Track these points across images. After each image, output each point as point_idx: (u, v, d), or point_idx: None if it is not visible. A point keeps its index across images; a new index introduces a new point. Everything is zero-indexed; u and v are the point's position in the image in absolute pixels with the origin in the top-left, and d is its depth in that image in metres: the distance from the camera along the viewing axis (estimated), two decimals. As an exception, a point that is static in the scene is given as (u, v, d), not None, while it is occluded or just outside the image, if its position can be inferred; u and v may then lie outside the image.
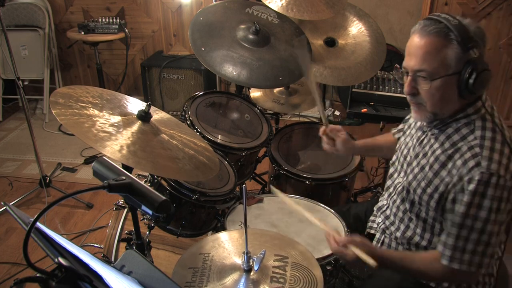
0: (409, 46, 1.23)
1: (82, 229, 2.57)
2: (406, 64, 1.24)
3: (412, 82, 1.23)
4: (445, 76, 1.17)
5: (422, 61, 1.18)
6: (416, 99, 1.25)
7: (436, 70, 1.17)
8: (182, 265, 1.21)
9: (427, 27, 1.17)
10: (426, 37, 1.17)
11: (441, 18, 1.17)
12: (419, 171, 1.32)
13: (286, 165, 2.01)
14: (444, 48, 1.16)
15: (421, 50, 1.18)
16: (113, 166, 0.97)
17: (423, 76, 1.19)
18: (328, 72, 2.13)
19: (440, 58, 1.16)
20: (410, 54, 1.22)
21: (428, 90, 1.19)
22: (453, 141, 1.24)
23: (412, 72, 1.22)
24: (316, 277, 1.16)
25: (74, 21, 3.92)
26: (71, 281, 0.67)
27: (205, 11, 2.13)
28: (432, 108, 1.23)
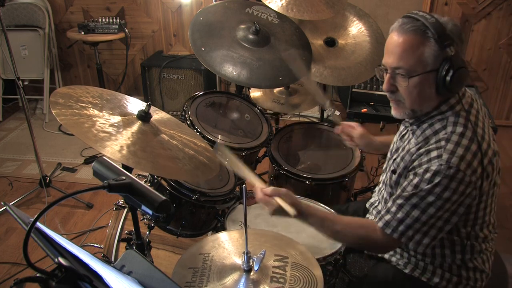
0: (387, 44, 1.25)
1: (82, 229, 2.57)
2: (385, 61, 1.26)
3: (390, 79, 1.25)
4: (422, 74, 1.19)
5: (400, 58, 1.20)
6: (395, 96, 1.27)
7: (414, 67, 1.19)
8: (182, 265, 1.21)
9: (405, 25, 1.19)
10: (403, 35, 1.19)
11: (419, 16, 1.19)
12: (395, 164, 1.35)
13: (286, 165, 2.01)
14: (421, 45, 1.17)
15: (399, 48, 1.20)
16: (113, 166, 0.97)
17: (401, 73, 1.21)
18: (328, 72, 2.13)
19: (417, 55, 1.18)
20: (388, 51, 1.24)
21: (406, 87, 1.21)
22: (426, 135, 1.26)
23: (390, 70, 1.24)
24: (316, 277, 1.16)
25: (74, 21, 3.93)
26: (71, 281, 0.67)
27: (205, 11, 2.13)
28: (411, 105, 1.25)
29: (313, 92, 1.72)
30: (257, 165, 2.19)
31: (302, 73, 1.91)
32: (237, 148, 1.91)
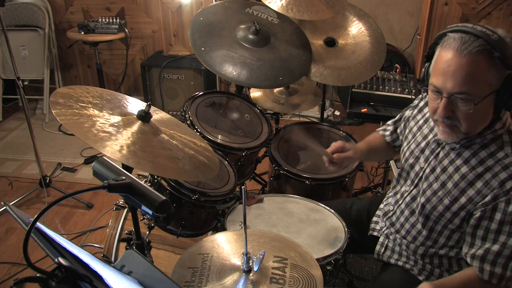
0: (443, 65, 1.11)
1: (82, 229, 2.57)
2: (441, 85, 1.12)
3: (448, 105, 1.13)
4: (486, 97, 1.10)
5: (463, 83, 1.08)
6: (450, 121, 1.16)
7: (480, 92, 1.09)
8: (181, 265, 1.21)
9: (467, 44, 1.06)
10: (467, 57, 1.06)
11: (478, 32, 1.07)
12: (439, 187, 1.28)
13: (286, 165, 2.01)
14: (487, 68, 1.07)
15: (462, 71, 1.07)
16: (113, 166, 0.97)
17: (463, 98, 1.10)
18: (328, 72, 2.13)
19: (484, 79, 1.08)
20: (446, 74, 1.10)
21: (470, 113, 1.11)
22: (481, 158, 1.19)
23: (448, 94, 1.12)
24: (316, 279, 1.16)
25: (74, 21, 3.92)
26: (71, 281, 0.67)
27: (205, 11, 2.13)
28: (468, 129, 1.16)
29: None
30: (257, 165, 2.19)
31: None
32: (237, 148, 1.91)
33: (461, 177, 1.22)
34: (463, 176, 1.22)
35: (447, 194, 1.25)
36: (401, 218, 1.43)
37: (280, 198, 1.73)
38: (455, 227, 1.27)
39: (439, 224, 1.30)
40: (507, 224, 1.15)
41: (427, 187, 1.32)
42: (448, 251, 1.33)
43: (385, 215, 1.53)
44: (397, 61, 3.37)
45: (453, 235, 1.30)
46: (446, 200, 1.26)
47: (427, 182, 1.32)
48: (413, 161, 1.40)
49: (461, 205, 1.23)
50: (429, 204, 1.31)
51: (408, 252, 1.43)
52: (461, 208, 1.23)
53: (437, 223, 1.31)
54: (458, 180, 1.23)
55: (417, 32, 3.80)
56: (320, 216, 1.62)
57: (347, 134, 2.24)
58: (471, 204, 1.21)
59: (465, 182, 1.21)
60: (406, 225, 1.41)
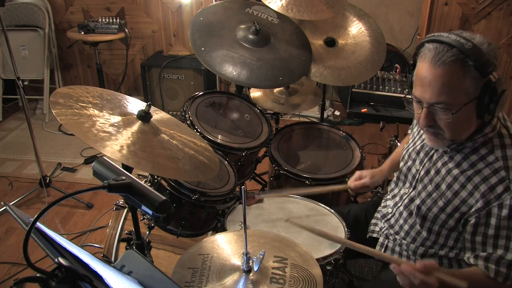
0: (420, 76, 1.13)
1: (82, 229, 2.57)
2: (420, 95, 1.15)
3: (428, 114, 1.15)
4: (465, 105, 1.11)
5: (440, 93, 1.10)
6: (434, 129, 1.19)
7: (456, 101, 1.10)
8: (181, 265, 1.21)
9: (441, 54, 1.08)
10: (441, 67, 1.08)
11: (452, 41, 1.08)
12: (433, 189, 1.29)
13: (286, 165, 2.01)
14: (462, 77, 1.08)
15: (437, 82, 1.09)
16: (113, 166, 0.97)
17: (441, 108, 1.12)
18: (328, 72, 2.13)
19: (459, 87, 1.09)
20: (423, 85, 1.13)
21: (448, 121, 1.13)
22: (472, 161, 1.20)
23: (427, 104, 1.14)
24: (316, 278, 1.16)
25: (74, 21, 3.92)
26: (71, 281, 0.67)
27: (205, 11, 2.13)
28: (451, 136, 1.18)
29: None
30: (257, 165, 2.19)
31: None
32: (237, 148, 1.91)
33: (454, 179, 1.23)
34: (455, 178, 1.23)
35: (441, 196, 1.26)
36: (400, 220, 1.44)
37: (280, 198, 1.73)
38: (451, 227, 1.28)
39: (436, 224, 1.31)
40: (503, 228, 1.15)
41: (422, 189, 1.33)
42: (448, 251, 1.33)
43: (384, 217, 1.53)
44: (397, 61, 3.37)
45: (451, 234, 1.30)
46: (440, 201, 1.27)
47: (422, 184, 1.33)
48: (411, 163, 1.41)
49: (454, 206, 1.23)
50: (424, 206, 1.32)
51: (409, 252, 1.43)
52: (455, 210, 1.24)
53: (434, 224, 1.31)
54: (451, 182, 1.24)
55: (417, 32, 3.80)
56: (320, 216, 1.62)
57: (347, 134, 2.24)
58: (464, 206, 1.21)
59: (457, 184, 1.22)
60: (405, 227, 1.41)
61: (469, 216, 1.21)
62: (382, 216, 1.55)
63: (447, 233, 1.30)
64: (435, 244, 1.35)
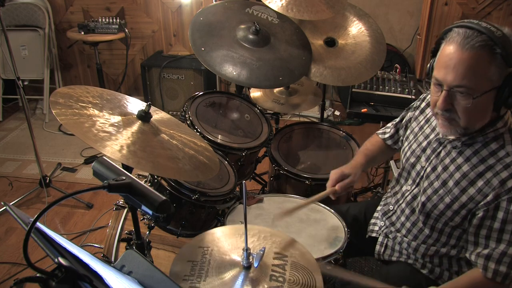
0: (445, 58, 1.12)
1: (82, 229, 2.57)
2: (442, 77, 1.13)
3: (447, 97, 1.14)
4: (486, 93, 1.10)
5: (463, 76, 1.09)
6: (449, 114, 1.17)
7: (479, 86, 1.09)
8: (181, 258, 1.20)
9: (470, 38, 1.07)
10: (469, 51, 1.07)
11: (482, 28, 1.07)
12: (440, 186, 1.28)
13: (286, 165, 2.01)
14: (488, 63, 1.07)
15: (463, 65, 1.08)
16: (113, 166, 0.97)
17: (462, 92, 1.11)
18: (328, 72, 2.13)
19: (484, 74, 1.09)
20: (447, 67, 1.11)
21: (468, 107, 1.12)
22: (482, 156, 1.20)
23: (448, 87, 1.13)
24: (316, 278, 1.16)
25: (74, 21, 3.93)
26: (71, 281, 0.67)
27: (205, 11, 2.13)
28: (466, 124, 1.17)
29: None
30: (257, 165, 2.19)
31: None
32: (237, 148, 1.91)
33: (462, 176, 1.23)
34: (464, 174, 1.23)
35: (448, 193, 1.26)
36: (402, 217, 1.43)
37: (280, 198, 1.73)
38: (456, 225, 1.27)
39: (439, 222, 1.31)
40: (510, 223, 1.15)
41: (428, 186, 1.32)
42: (449, 249, 1.33)
43: (385, 214, 1.53)
44: (397, 61, 3.37)
45: (454, 232, 1.30)
46: (447, 198, 1.26)
47: (428, 180, 1.33)
48: (415, 160, 1.40)
49: (462, 203, 1.23)
50: (429, 203, 1.31)
51: (409, 251, 1.43)
52: (462, 207, 1.23)
53: (438, 221, 1.31)
54: (459, 179, 1.23)
55: (417, 32, 3.80)
56: (320, 216, 1.62)
57: (347, 134, 2.24)
58: (472, 203, 1.21)
59: (466, 181, 1.22)
60: (407, 224, 1.41)
61: (477, 210, 1.20)
62: (383, 214, 1.54)
63: (450, 231, 1.30)
64: (437, 242, 1.35)
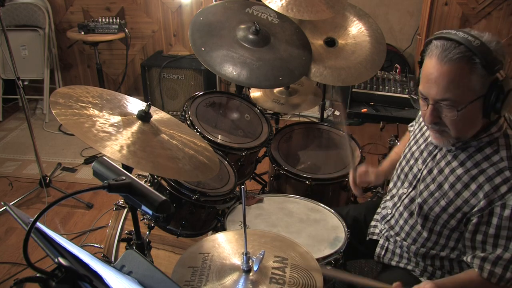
0: (427, 72, 1.13)
1: (82, 229, 2.57)
2: (426, 92, 1.15)
3: (434, 111, 1.15)
4: (471, 103, 1.11)
5: (446, 90, 1.10)
6: (439, 126, 1.18)
7: (462, 98, 1.10)
8: (181, 264, 1.21)
9: (448, 51, 1.08)
10: (447, 64, 1.08)
11: (460, 38, 1.07)
12: (436, 189, 1.28)
13: (286, 165, 2.01)
14: (469, 74, 1.08)
15: (443, 79, 1.09)
16: (113, 166, 0.97)
17: (447, 105, 1.12)
18: (328, 72, 2.13)
19: (466, 85, 1.09)
20: (429, 81, 1.13)
21: (454, 119, 1.13)
22: (476, 161, 1.20)
23: (433, 101, 1.14)
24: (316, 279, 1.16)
25: (74, 21, 3.92)
26: (71, 281, 0.67)
27: (205, 11, 2.13)
28: (457, 134, 1.17)
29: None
30: (257, 165, 2.19)
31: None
32: (237, 148, 1.91)
33: (457, 179, 1.23)
34: (458, 177, 1.23)
35: (443, 196, 1.26)
36: (400, 220, 1.43)
37: (280, 198, 1.73)
38: (453, 227, 1.27)
39: (437, 224, 1.31)
40: (504, 229, 1.15)
41: (424, 188, 1.33)
42: (449, 252, 1.33)
43: (383, 218, 1.53)
44: (397, 61, 3.37)
45: (452, 234, 1.30)
46: (442, 201, 1.27)
47: (424, 183, 1.33)
48: (413, 162, 1.40)
49: (457, 206, 1.23)
50: (426, 205, 1.31)
51: (410, 254, 1.42)
52: (457, 210, 1.24)
53: (436, 224, 1.31)
54: (454, 182, 1.24)
55: (417, 32, 3.80)
56: (320, 216, 1.62)
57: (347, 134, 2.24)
58: (466, 206, 1.21)
59: (460, 184, 1.22)
60: (406, 227, 1.41)
61: (471, 216, 1.21)
62: (382, 218, 1.54)
63: (448, 234, 1.30)
64: (436, 245, 1.34)
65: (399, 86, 2.42)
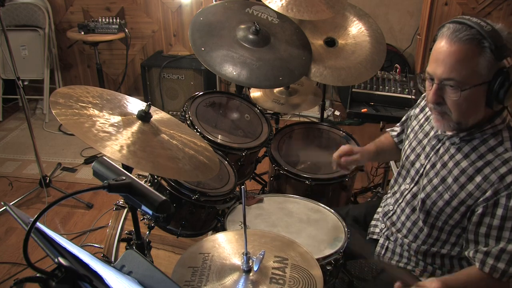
0: (436, 52, 1.15)
1: (82, 229, 2.57)
2: (432, 70, 1.16)
3: (438, 90, 1.16)
4: (475, 86, 1.12)
5: (452, 69, 1.11)
6: (441, 108, 1.19)
7: (467, 79, 1.11)
8: (182, 264, 1.21)
9: (458, 32, 1.10)
10: (457, 44, 1.10)
11: (472, 23, 1.09)
12: (439, 183, 1.28)
13: (286, 165, 2.01)
14: (476, 56, 1.09)
15: (451, 58, 1.11)
16: (113, 166, 0.97)
17: (452, 85, 1.13)
18: (328, 72, 2.13)
19: (472, 67, 1.10)
20: (437, 60, 1.14)
21: (456, 100, 1.14)
22: (481, 152, 1.20)
23: (438, 80, 1.15)
24: (316, 279, 1.16)
25: (74, 21, 3.92)
26: (71, 281, 0.67)
27: (205, 11, 2.13)
28: (458, 118, 1.18)
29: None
30: (257, 165, 2.19)
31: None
32: (237, 148, 1.91)
33: (461, 172, 1.23)
34: (462, 170, 1.23)
35: (447, 189, 1.26)
36: (402, 216, 1.43)
37: (280, 198, 1.73)
38: (455, 222, 1.27)
39: (439, 220, 1.31)
40: (509, 220, 1.15)
41: (427, 183, 1.33)
42: (450, 250, 1.33)
43: (385, 215, 1.53)
44: (397, 61, 3.37)
45: (454, 230, 1.30)
46: (446, 195, 1.27)
47: (427, 178, 1.33)
48: (414, 158, 1.41)
49: (460, 200, 1.23)
50: (429, 200, 1.31)
51: (410, 253, 1.42)
52: (461, 203, 1.24)
53: (438, 219, 1.31)
54: (458, 175, 1.24)
55: (417, 32, 3.80)
56: (320, 216, 1.62)
57: (347, 134, 2.24)
58: (470, 199, 1.21)
59: (464, 177, 1.22)
60: (408, 223, 1.41)
61: (476, 206, 1.20)
62: (383, 215, 1.54)
63: (450, 229, 1.30)
64: (437, 241, 1.34)
65: (399, 86, 2.42)
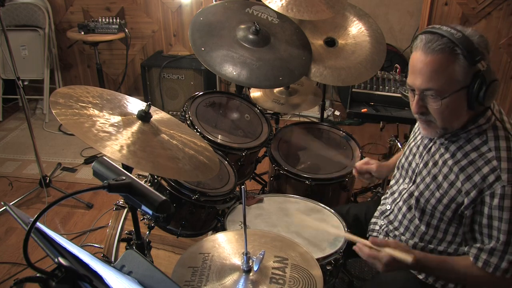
0: (413, 64, 1.19)
1: (82, 229, 2.57)
2: (412, 82, 1.20)
3: (420, 101, 1.21)
4: (454, 93, 1.15)
5: (429, 79, 1.15)
6: (425, 117, 1.23)
7: (445, 87, 1.15)
8: (182, 264, 1.21)
9: (431, 43, 1.14)
10: (430, 55, 1.14)
11: (443, 32, 1.13)
12: (431, 181, 1.31)
13: (286, 165, 2.01)
14: (450, 64, 1.13)
15: (427, 68, 1.15)
16: (113, 166, 0.97)
17: (432, 94, 1.17)
18: (328, 72, 2.13)
19: (448, 75, 1.13)
20: (415, 72, 1.19)
21: (438, 108, 1.17)
22: (465, 151, 1.23)
23: (419, 91, 1.19)
24: (316, 279, 1.16)
25: (74, 21, 3.93)
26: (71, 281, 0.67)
27: (205, 11, 2.13)
28: (443, 124, 1.22)
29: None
30: (257, 165, 2.19)
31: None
32: (237, 148, 1.91)
33: (449, 170, 1.26)
34: (450, 168, 1.26)
35: (438, 187, 1.29)
36: (399, 215, 1.45)
37: (280, 198, 1.73)
38: (449, 220, 1.29)
39: (434, 218, 1.33)
40: (495, 219, 1.17)
41: (421, 181, 1.36)
42: (446, 247, 1.34)
43: (382, 214, 1.54)
44: (397, 61, 3.37)
45: (449, 228, 1.31)
46: (437, 193, 1.29)
47: (421, 176, 1.36)
48: (411, 158, 1.44)
49: (451, 197, 1.26)
50: (422, 198, 1.34)
51: None
52: (451, 200, 1.26)
53: (433, 217, 1.33)
54: (447, 173, 1.27)
55: (417, 32, 3.80)
56: (320, 216, 1.62)
57: (347, 134, 2.24)
58: (460, 196, 1.23)
59: (453, 175, 1.25)
60: (404, 222, 1.42)
61: (465, 209, 1.23)
62: (381, 213, 1.56)
63: (445, 227, 1.32)
64: (433, 238, 1.36)
65: (399, 86, 2.41)
